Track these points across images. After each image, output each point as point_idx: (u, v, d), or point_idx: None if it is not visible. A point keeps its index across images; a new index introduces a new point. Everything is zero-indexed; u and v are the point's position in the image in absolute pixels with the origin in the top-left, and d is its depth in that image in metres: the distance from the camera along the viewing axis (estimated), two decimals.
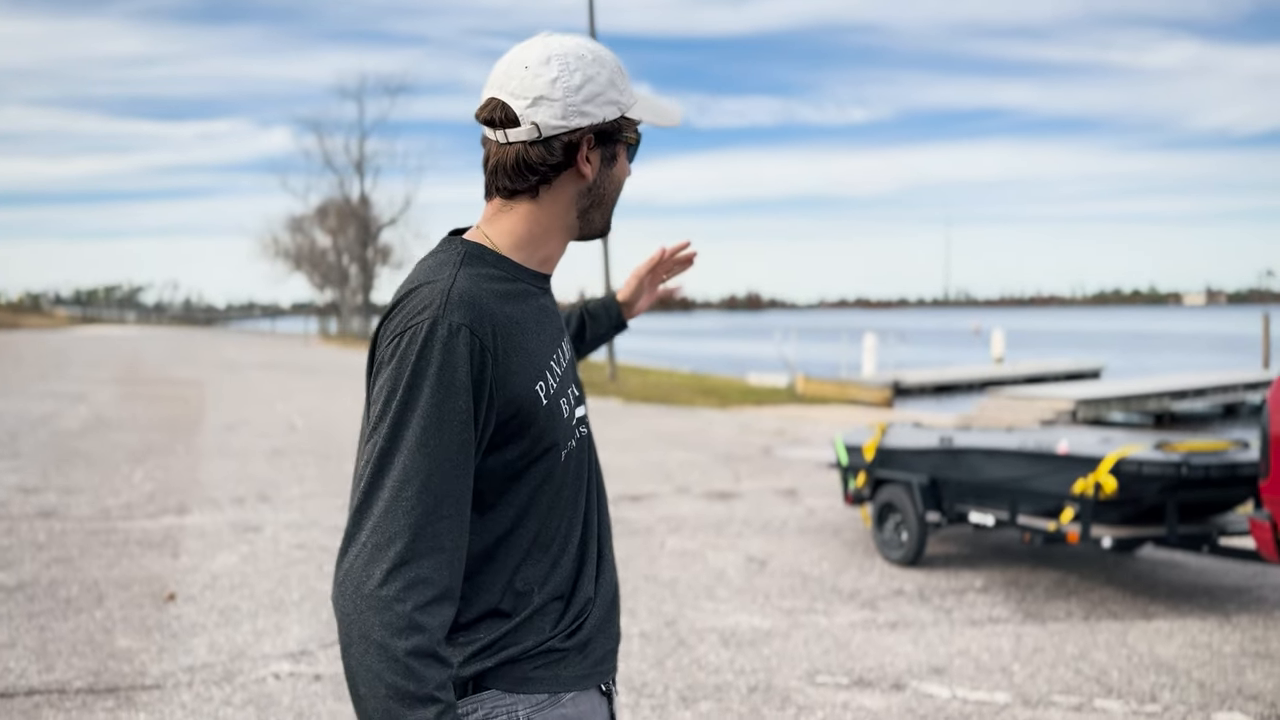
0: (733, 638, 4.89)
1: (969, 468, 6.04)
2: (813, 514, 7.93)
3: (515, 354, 1.33)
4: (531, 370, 1.35)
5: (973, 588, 5.80)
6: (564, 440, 1.40)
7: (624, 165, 1.47)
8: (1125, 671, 4.46)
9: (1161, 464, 5.18)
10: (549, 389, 1.37)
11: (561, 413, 1.39)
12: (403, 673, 1.19)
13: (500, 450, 1.34)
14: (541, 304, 1.45)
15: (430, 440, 1.24)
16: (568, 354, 1.48)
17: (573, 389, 1.46)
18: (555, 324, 1.47)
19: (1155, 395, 18.60)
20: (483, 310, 1.30)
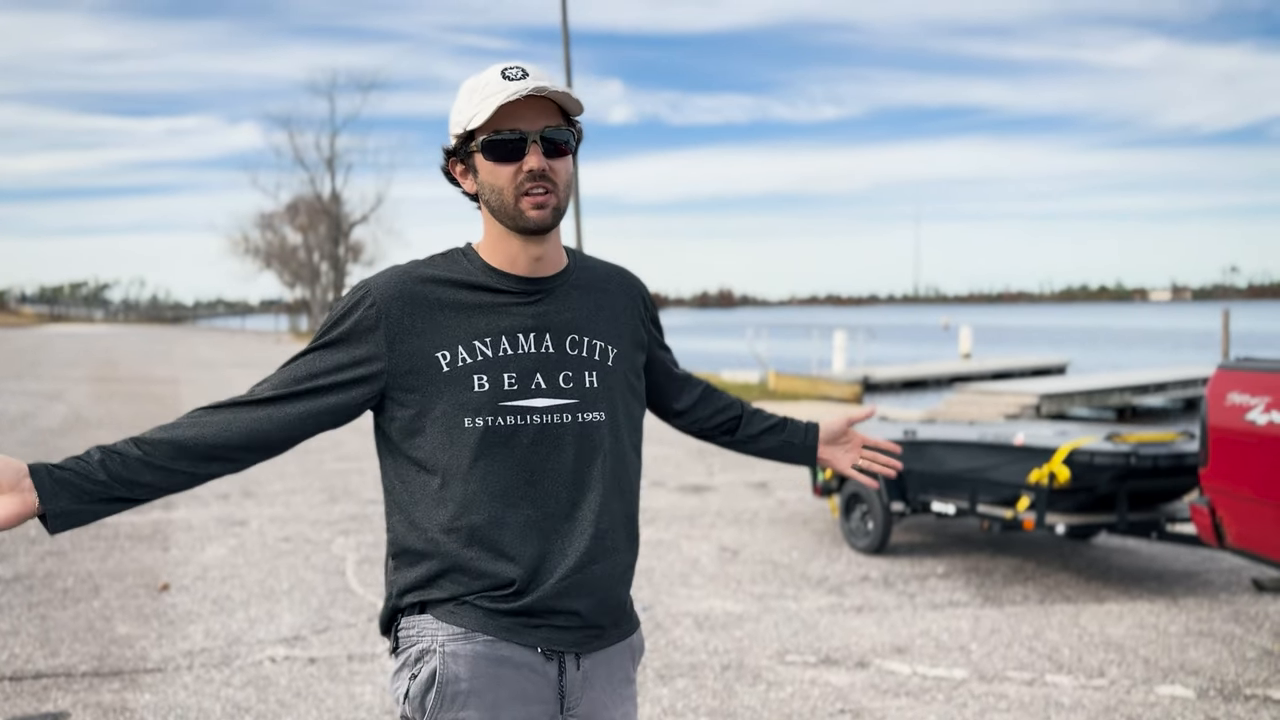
0: (706, 621, 5.14)
1: (931, 459, 6.32)
2: (783, 505, 8.20)
3: (419, 320, 1.61)
4: (436, 339, 1.61)
5: (935, 573, 6.08)
6: (473, 413, 1.60)
7: (490, 169, 1.61)
8: (1076, 649, 4.75)
9: (1112, 454, 5.48)
10: (458, 360, 1.60)
11: (471, 386, 1.60)
12: None
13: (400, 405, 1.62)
14: (501, 299, 1.65)
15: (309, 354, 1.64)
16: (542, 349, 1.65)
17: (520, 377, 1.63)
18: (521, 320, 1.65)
19: (1118, 390, 19.06)
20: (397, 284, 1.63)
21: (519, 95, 1.55)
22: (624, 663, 1.78)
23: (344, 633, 4.85)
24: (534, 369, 1.64)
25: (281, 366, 1.63)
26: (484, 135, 1.60)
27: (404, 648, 1.65)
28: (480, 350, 1.62)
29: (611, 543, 1.70)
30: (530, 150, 1.59)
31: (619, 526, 1.73)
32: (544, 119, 1.60)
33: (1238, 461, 4.79)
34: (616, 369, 1.74)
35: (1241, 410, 4.77)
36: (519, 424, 1.62)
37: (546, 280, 1.69)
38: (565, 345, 1.68)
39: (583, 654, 1.68)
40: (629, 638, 1.79)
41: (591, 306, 1.74)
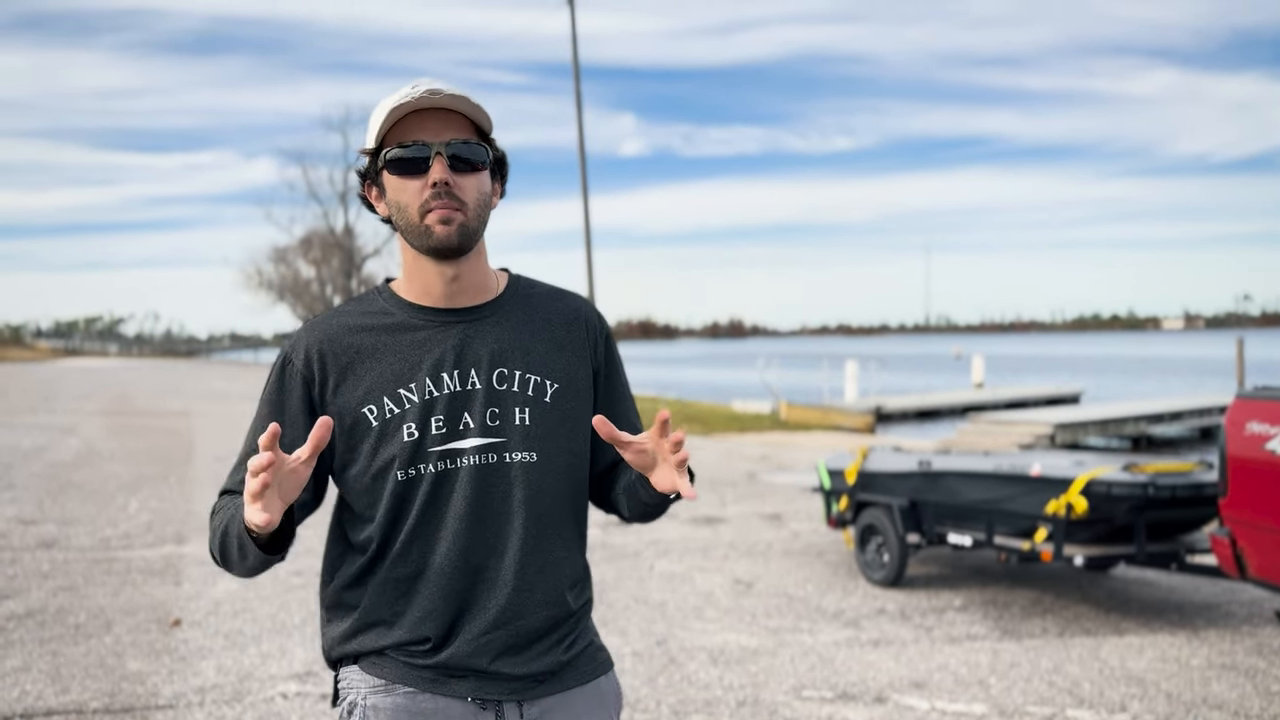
0: (721, 655, 5.08)
1: (947, 490, 6.27)
2: (797, 537, 8.14)
3: (342, 377, 1.56)
4: (362, 393, 1.55)
5: (952, 606, 6.02)
6: (403, 463, 1.53)
7: (397, 184, 1.54)
8: (1097, 684, 4.68)
9: (1129, 485, 5.43)
10: (385, 413, 1.54)
11: (402, 436, 1.53)
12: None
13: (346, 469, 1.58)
14: (420, 336, 1.58)
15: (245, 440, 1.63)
16: (467, 385, 1.56)
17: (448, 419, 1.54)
18: (440, 355, 1.56)
19: (1132, 419, 18.93)
20: (311, 341, 1.59)
21: (412, 102, 1.49)
22: (592, 710, 1.63)
23: None
24: (460, 408, 1.55)
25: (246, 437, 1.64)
26: (388, 150, 1.53)
27: (340, 700, 1.62)
28: (406, 398, 1.54)
29: (542, 595, 1.59)
30: (435, 163, 1.51)
31: (551, 577, 1.60)
32: (451, 132, 1.52)
33: (1258, 491, 4.74)
34: (556, 405, 1.60)
35: (1261, 440, 4.73)
36: (444, 469, 1.55)
37: (470, 310, 1.60)
38: (492, 380, 1.57)
39: (526, 701, 1.58)
40: (593, 681, 1.65)
41: (527, 336, 1.62)
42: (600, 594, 6.28)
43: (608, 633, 5.45)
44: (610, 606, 5.99)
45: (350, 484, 1.59)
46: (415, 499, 1.55)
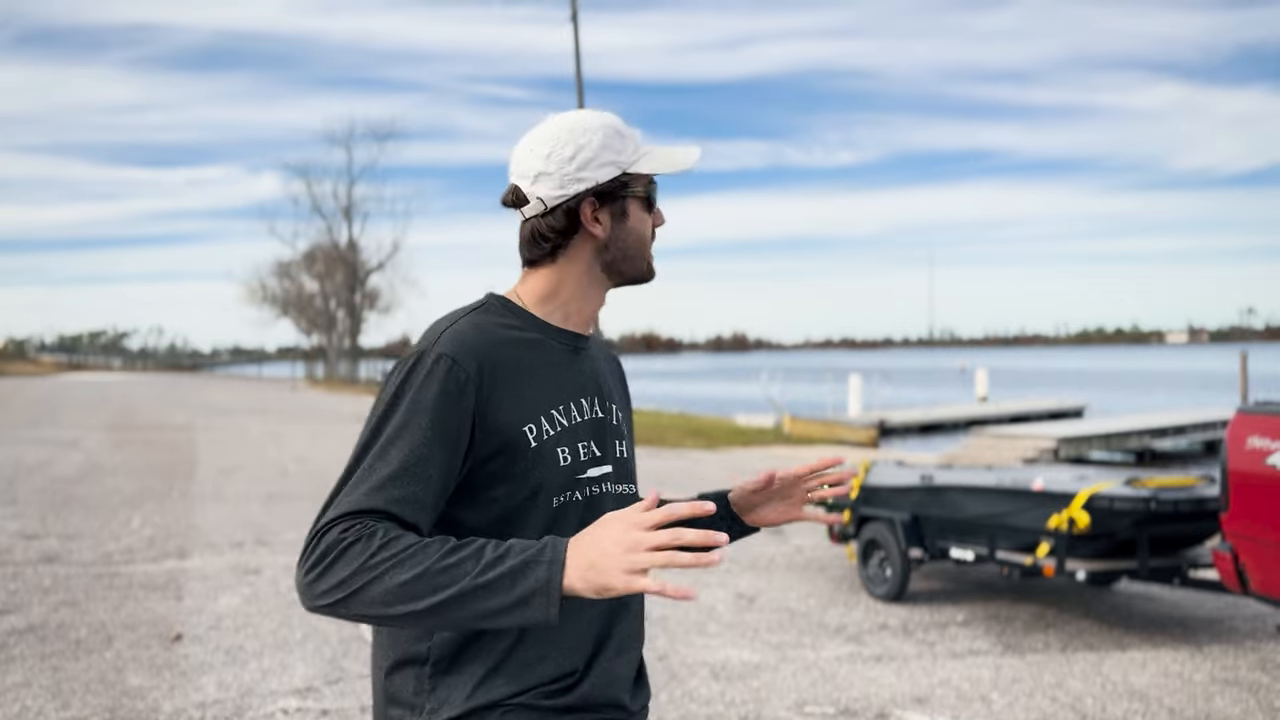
0: (723, 671, 5.07)
1: (949, 505, 6.27)
2: (800, 552, 8.13)
3: (505, 391, 1.43)
4: (522, 411, 1.44)
5: (954, 621, 6.00)
6: (556, 488, 1.46)
7: (640, 216, 1.56)
8: (1099, 699, 4.67)
9: (1132, 499, 5.43)
10: (543, 433, 1.45)
11: (557, 460, 1.47)
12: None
13: (488, 489, 1.43)
14: (562, 358, 1.54)
15: (391, 450, 1.35)
16: (592, 412, 1.55)
17: (587, 445, 1.52)
18: (573, 377, 1.54)
19: (1136, 433, 18.90)
20: (473, 346, 1.43)
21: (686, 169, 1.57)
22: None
23: (357, 684, 4.81)
24: (601, 436, 1.56)
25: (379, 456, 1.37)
26: (645, 183, 1.56)
27: None
28: (559, 420, 1.50)
29: (641, 622, 1.64)
30: (658, 205, 1.61)
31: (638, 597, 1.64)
32: None
33: (1260, 506, 4.74)
34: (632, 439, 1.69)
35: (1262, 454, 4.72)
36: (592, 495, 1.52)
37: (584, 339, 1.61)
38: (612, 410, 1.61)
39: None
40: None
41: (606, 369, 1.68)
42: None
43: None
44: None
45: (491, 509, 1.44)
46: (568, 525, 1.47)
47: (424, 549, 1.27)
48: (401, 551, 1.26)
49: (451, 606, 1.24)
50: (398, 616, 1.25)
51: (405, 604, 1.24)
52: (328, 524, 1.30)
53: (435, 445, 1.37)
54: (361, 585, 1.25)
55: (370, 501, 1.32)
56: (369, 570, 1.25)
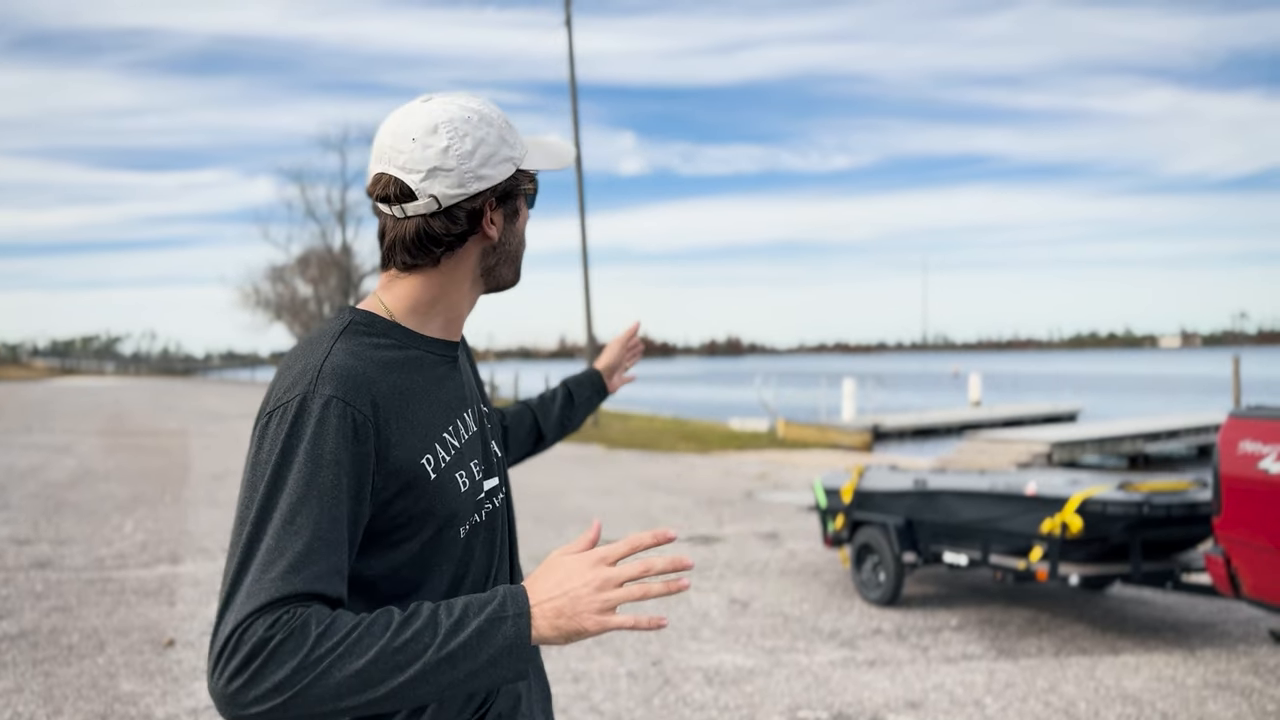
0: (717, 676, 5.07)
1: (943, 509, 6.28)
2: (794, 556, 8.13)
3: (398, 425, 1.28)
4: (417, 442, 1.30)
5: (948, 626, 6.01)
6: (462, 517, 1.36)
7: (524, 215, 1.46)
8: (1093, 703, 4.67)
9: (1124, 504, 5.44)
10: (439, 462, 1.32)
11: (458, 487, 1.35)
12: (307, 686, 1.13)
13: (392, 533, 1.30)
14: (439, 372, 1.40)
15: (298, 519, 1.18)
16: (472, 424, 1.43)
17: (477, 461, 1.41)
18: (454, 392, 1.42)
19: (1129, 437, 18.93)
20: (359, 381, 1.26)
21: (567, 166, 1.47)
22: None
23: None
24: (484, 448, 1.46)
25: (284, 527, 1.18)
26: (530, 179, 1.44)
27: None
28: (450, 443, 1.37)
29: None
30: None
31: None
32: None
33: (1252, 510, 4.75)
34: (498, 428, 1.61)
35: (1254, 459, 4.74)
36: (486, 515, 1.43)
37: (456, 345, 1.47)
38: (481, 415, 1.49)
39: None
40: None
41: (465, 367, 1.54)
42: None
43: (603, 653, 5.44)
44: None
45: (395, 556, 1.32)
46: (475, 554, 1.40)
47: (369, 630, 1.14)
48: (344, 638, 1.12)
49: (416, 684, 1.13)
50: (352, 707, 1.13)
51: (360, 694, 1.11)
52: (244, 621, 1.11)
53: (343, 503, 1.21)
54: (303, 685, 1.10)
55: (290, 585, 1.14)
56: (310, 668, 1.10)
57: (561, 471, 14.27)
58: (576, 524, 9.73)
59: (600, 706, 4.63)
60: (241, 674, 1.09)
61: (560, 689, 4.86)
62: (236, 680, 1.09)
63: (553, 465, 14.86)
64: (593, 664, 5.25)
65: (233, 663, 1.10)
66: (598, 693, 4.81)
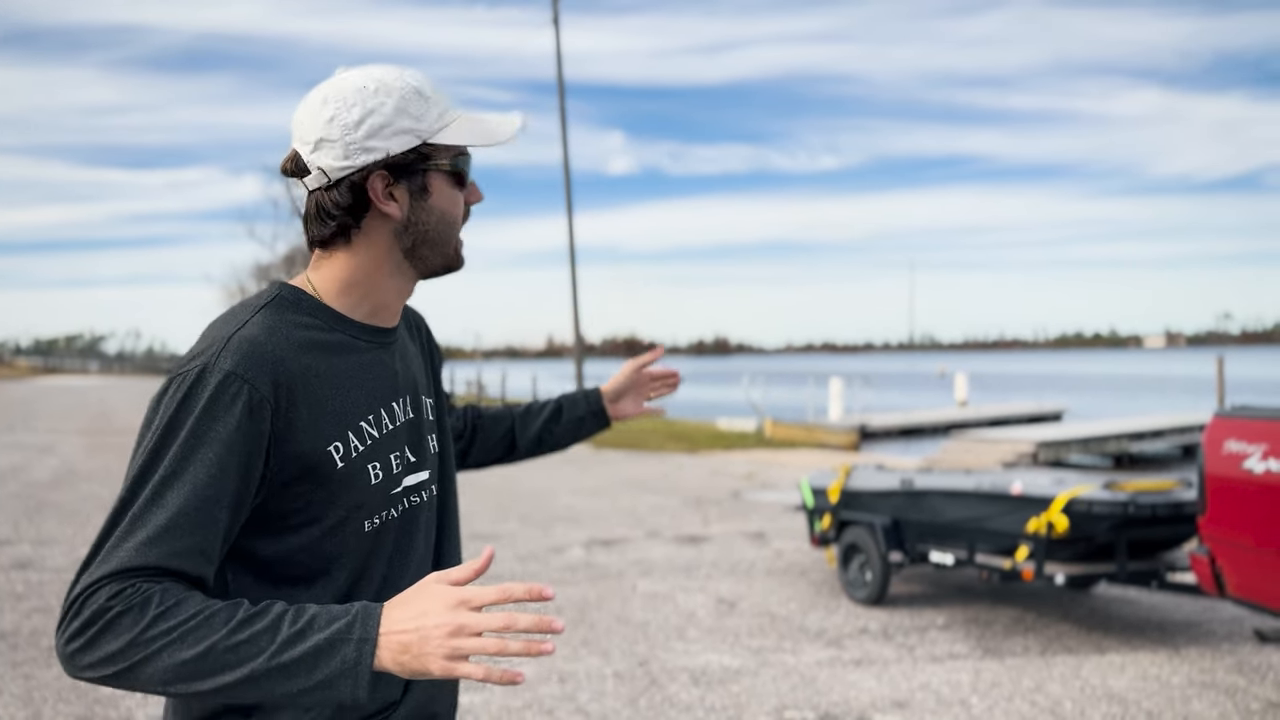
0: (703, 676, 5.05)
1: (929, 509, 6.28)
2: (780, 556, 8.12)
3: (304, 408, 1.24)
4: (326, 428, 1.26)
5: (934, 625, 6.01)
6: (370, 510, 1.31)
7: (447, 194, 1.36)
8: (1078, 703, 4.67)
9: (1110, 503, 5.45)
10: (350, 450, 1.28)
11: (368, 478, 1.30)
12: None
13: (287, 518, 1.27)
14: (368, 358, 1.35)
15: (168, 493, 1.15)
16: (402, 415, 1.38)
17: (398, 454, 1.36)
18: (383, 380, 1.36)
19: (1114, 437, 19.01)
20: (265, 358, 1.22)
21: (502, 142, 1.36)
22: None
23: None
24: (417, 440, 1.41)
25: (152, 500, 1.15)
26: (453, 155, 1.36)
27: None
28: (368, 432, 1.32)
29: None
30: (473, 182, 1.42)
31: None
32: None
33: (1236, 510, 4.76)
34: (443, 426, 1.53)
35: (1239, 458, 4.75)
36: (407, 508, 1.38)
37: (392, 331, 1.42)
38: (423, 406, 1.45)
39: None
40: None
41: (413, 353, 1.49)
42: (582, 614, 6.25)
43: (589, 653, 5.42)
44: (592, 627, 5.95)
45: (291, 540, 1.28)
46: (384, 551, 1.35)
47: (209, 620, 1.09)
48: (182, 623, 1.08)
49: (241, 688, 1.08)
50: (183, 694, 1.10)
51: (186, 684, 1.08)
52: (92, 586, 1.10)
53: (223, 482, 1.17)
54: (133, 663, 1.08)
55: (143, 557, 1.11)
56: (142, 646, 1.07)
57: (549, 471, 14.24)
58: (564, 523, 9.71)
59: (586, 707, 4.61)
60: (79, 638, 1.09)
61: (546, 689, 4.83)
62: (74, 643, 1.09)
63: (540, 465, 14.82)
64: (579, 664, 5.23)
65: (73, 625, 1.10)
66: (584, 693, 4.79)
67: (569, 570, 7.58)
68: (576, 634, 5.81)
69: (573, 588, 6.96)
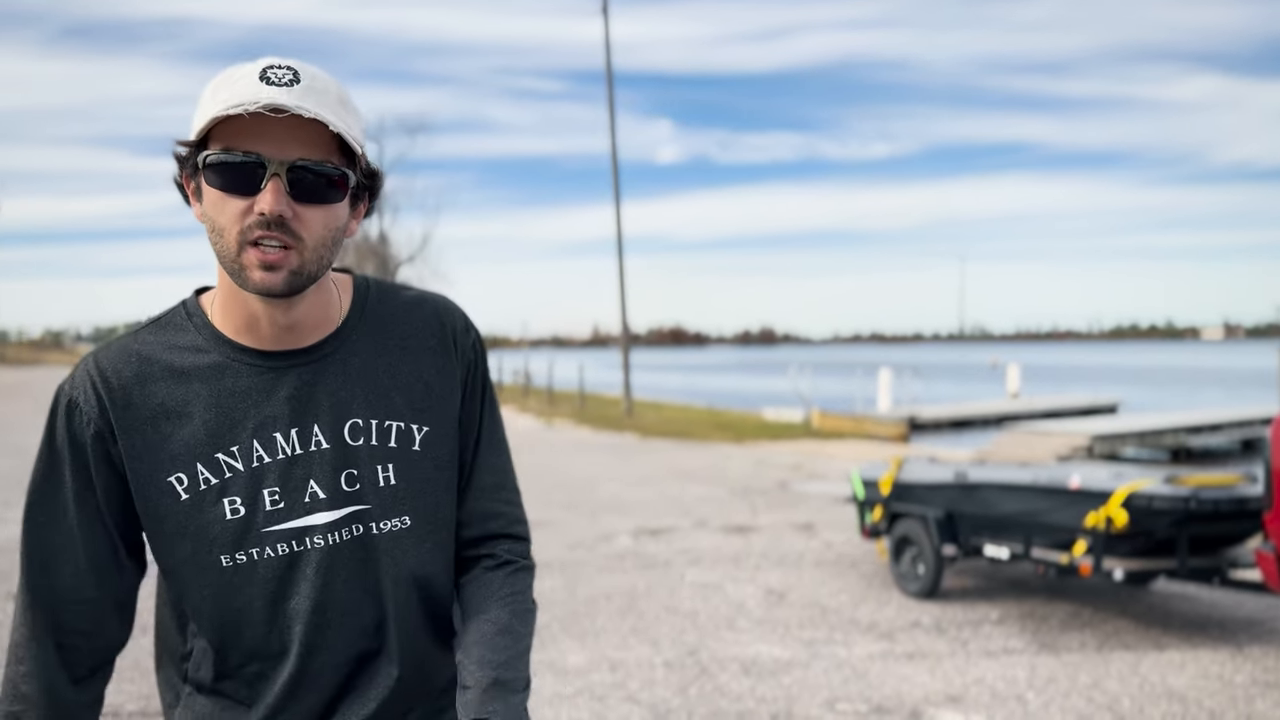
0: (754, 666, 5.04)
1: (984, 502, 6.19)
2: (830, 547, 8.07)
3: (146, 433, 1.20)
4: (166, 457, 1.20)
5: (988, 619, 5.93)
6: (224, 547, 1.21)
7: (215, 199, 1.14)
8: (1137, 700, 4.59)
9: (1171, 498, 5.33)
10: (199, 483, 1.20)
11: (222, 512, 1.20)
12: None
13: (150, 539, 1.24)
14: (243, 384, 1.22)
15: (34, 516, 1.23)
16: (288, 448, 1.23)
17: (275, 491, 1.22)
18: (261, 409, 1.22)
19: (1171, 430, 18.65)
20: (110, 380, 1.20)
21: (247, 110, 1.08)
22: None
23: None
24: (304, 476, 1.23)
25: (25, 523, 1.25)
26: (212, 151, 1.13)
27: None
28: (227, 464, 1.21)
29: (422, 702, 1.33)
30: (269, 186, 1.12)
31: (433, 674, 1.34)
32: (302, 147, 1.13)
33: None
34: (427, 453, 1.30)
35: None
36: (287, 553, 1.23)
37: (308, 351, 1.25)
38: (344, 435, 1.25)
39: None
40: None
41: (382, 369, 1.29)
42: (631, 603, 6.26)
43: (639, 641, 5.42)
44: (641, 616, 5.96)
45: (162, 570, 1.26)
46: (251, 592, 1.23)
47: None
48: None
49: None
50: None
51: None
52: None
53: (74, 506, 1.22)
54: None
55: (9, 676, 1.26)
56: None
57: (595, 460, 14.28)
58: (611, 512, 9.72)
59: (637, 695, 4.61)
60: None
61: (597, 677, 4.85)
62: None
63: (586, 454, 14.88)
64: (629, 652, 5.24)
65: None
66: (634, 681, 4.80)
67: (617, 559, 7.59)
68: (625, 623, 5.82)
69: (621, 576, 6.98)
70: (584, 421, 21.24)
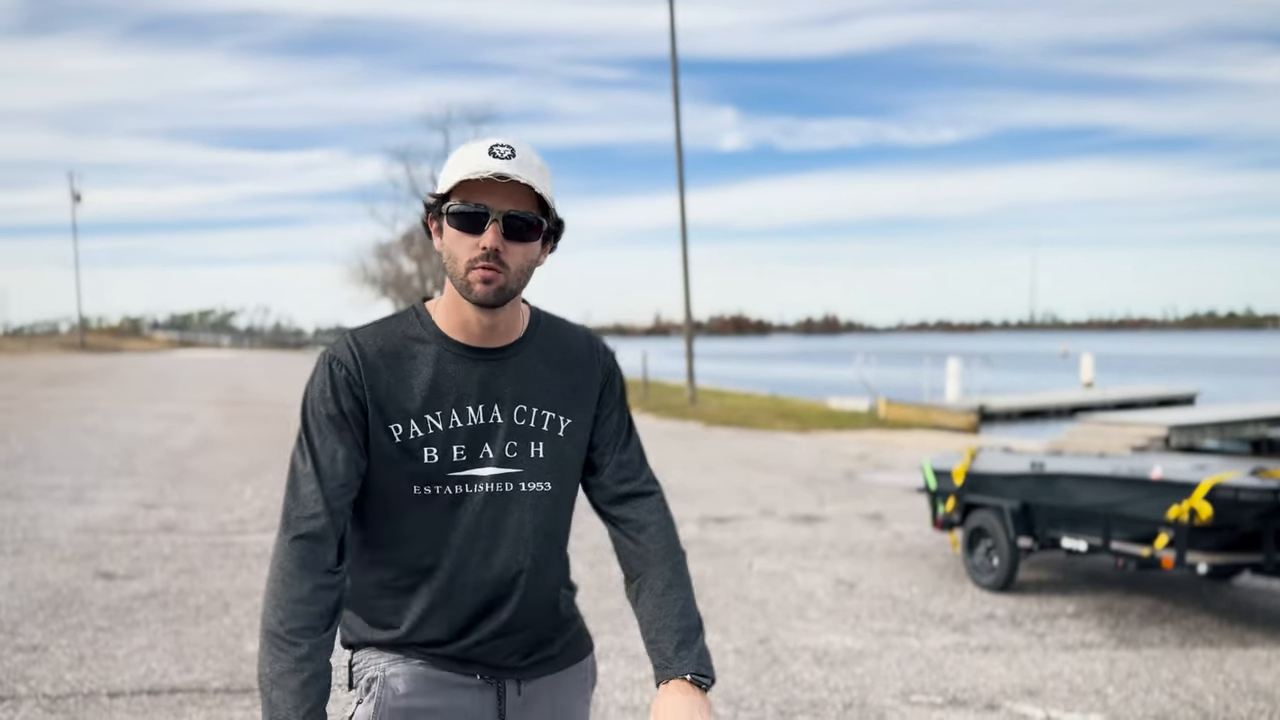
0: (825, 656, 5.02)
1: (1061, 493, 6.08)
2: (900, 538, 7.99)
3: (379, 391, 1.65)
4: (393, 411, 1.65)
5: (1065, 613, 5.83)
6: (422, 480, 1.66)
7: (453, 236, 1.62)
8: (1222, 697, 4.48)
9: (1258, 490, 5.18)
10: (410, 434, 1.65)
11: (420, 458, 1.65)
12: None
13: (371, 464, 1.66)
14: (451, 369, 1.68)
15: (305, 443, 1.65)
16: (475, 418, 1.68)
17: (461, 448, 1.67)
18: (459, 386, 1.68)
19: (1252, 421, 18.08)
20: (358, 348, 1.66)
21: (481, 176, 1.58)
22: (573, 685, 1.84)
23: None
24: (482, 440, 1.69)
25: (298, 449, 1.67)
26: (453, 203, 1.62)
27: (356, 680, 1.74)
28: (431, 424, 1.66)
29: (545, 608, 1.78)
30: (490, 228, 1.60)
31: (553, 591, 1.80)
32: (512, 201, 1.61)
33: None
34: (569, 439, 1.77)
35: None
36: (460, 492, 1.68)
37: (498, 350, 1.72)
38: (513, 416, 1.71)
39: (524, 680, 1.77)
40: (578, 663, 1.85)
41: (546, 374, 1.75)
42: (699, 590, 6.27)
43: (709, 629, 5.43)
44: (710, 604, 5.97)
45: (369, 490, 1.68)
46: (425, 516, 1.67)
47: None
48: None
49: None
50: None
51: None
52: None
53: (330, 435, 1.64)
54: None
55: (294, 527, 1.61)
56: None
57: (659, 448, 14.31)
58: (676, 499, 9.74)
59: None
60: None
61: None
62: None
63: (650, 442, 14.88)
64: None
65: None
66: None
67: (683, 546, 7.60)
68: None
69: (689, 564, 6.99)
70: (647, 409, 21.28)
